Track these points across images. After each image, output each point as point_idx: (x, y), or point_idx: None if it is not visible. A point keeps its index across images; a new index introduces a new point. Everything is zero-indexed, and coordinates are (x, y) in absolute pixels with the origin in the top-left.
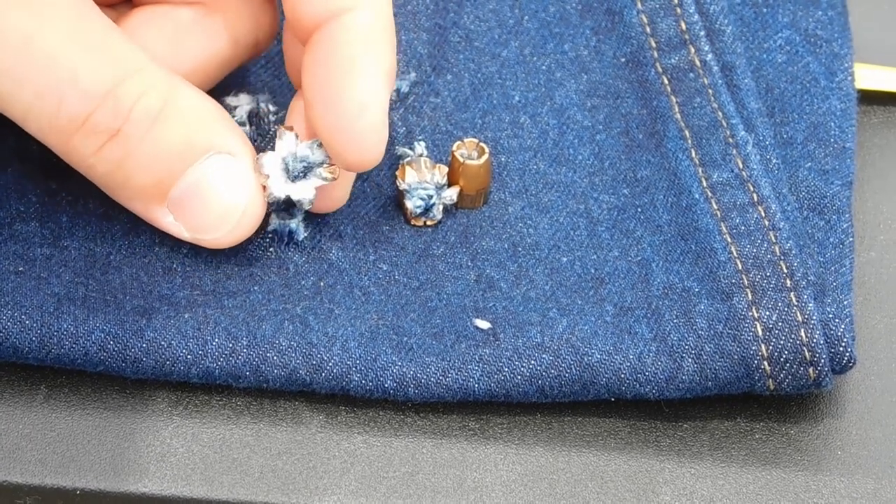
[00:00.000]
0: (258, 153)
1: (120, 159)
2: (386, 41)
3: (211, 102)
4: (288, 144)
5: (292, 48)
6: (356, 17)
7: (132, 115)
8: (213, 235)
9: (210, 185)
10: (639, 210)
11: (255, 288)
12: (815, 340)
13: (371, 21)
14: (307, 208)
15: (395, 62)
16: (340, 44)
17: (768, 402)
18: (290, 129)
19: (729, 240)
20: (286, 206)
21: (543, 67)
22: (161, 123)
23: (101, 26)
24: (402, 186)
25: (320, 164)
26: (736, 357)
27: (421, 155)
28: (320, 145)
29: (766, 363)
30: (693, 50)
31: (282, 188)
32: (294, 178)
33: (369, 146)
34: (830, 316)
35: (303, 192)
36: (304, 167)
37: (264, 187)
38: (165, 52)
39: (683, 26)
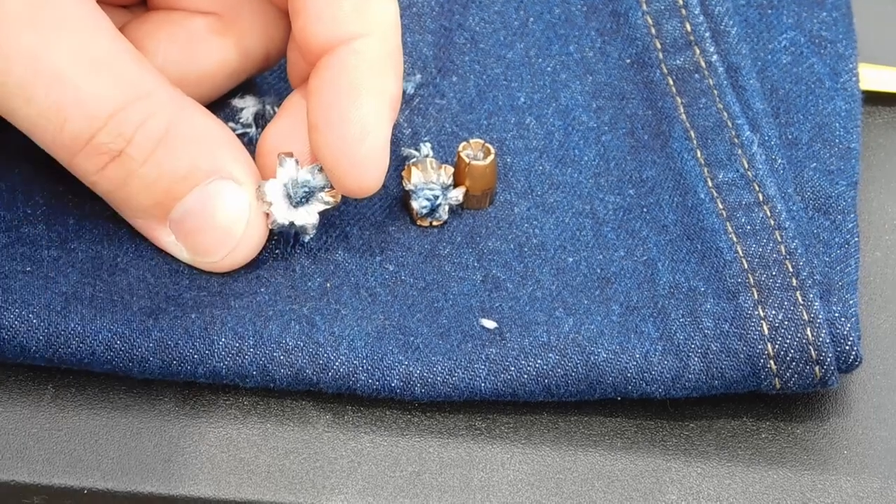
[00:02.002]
0: (261, 180)
1: (122, 179)
2: (392, 69)
3: (218, 126)
4: (289, 170)
5: (296, 53)
6: (365, 44)
7: (135, 139)
8: (211, 259)
9: (210, 208)
10: (644, 210)
11: (262, 289)
12: (821, 339)
13: (379, 48)
14: (311, 234)
15: (401, 90)
16: (348, 69)
17: (774, 401)
18: (290, 154)
19: (735, 239)
20: (291, 232)
21: (549, 69)
22: (164, 147)
23: (111, 47)
24: (408, 187)
25: (322, 189)
26: (742, 356)
27: (427, 156)
28: (321, 170)
29: (772, 362)
30: (698, 51)
31: (285, 214)
32: (296, 204)
33: (368, 172)
34: (836, 315)
35: (306, 217)
36: (306, 192)
37: (268, 214)
38: (176, 58)
39: (689, 27)
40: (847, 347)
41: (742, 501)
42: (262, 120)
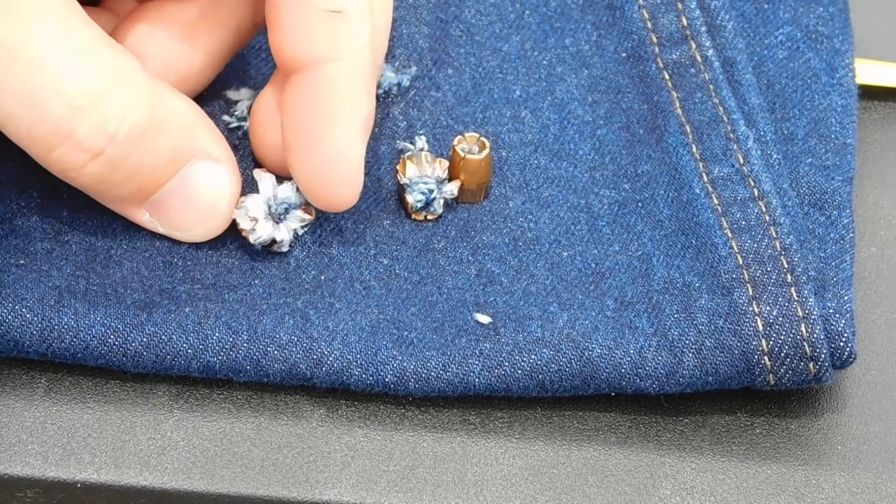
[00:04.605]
0: (242, 196)
1: (104, 174)
2: (364, 89)
3: (192, 106)
4: (269, 187)
5: None
6: (336, 69)
7: (119, 135)
8: (188, 234)
9: (192, 189)
10: (639, 205)
11: (256, 282)
12: (815, 335)
13: (351, 72)
14: (285, 249)
15: (374, 107)
16: (320, 95)
17: (769, 396)
18: (266, 172)
19: (730, 235)
20: (269, 244)
21: (544, 62)
22: (147, 139)
23: (87, 32)
24: (403, 181)
25: (298, 206)
26: (736, 352)
27: (422, 149)
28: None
29: (766, 358)
30: (694, 45)
31: (267, 230)
32: (277, 220)
33: (342, 193)
34: (831, 311)
35: (283, 232)
36: (285, 209)
37: (252, 230)
38: (176, 51)
39: (685, 22)
40: (841, 344)
41: (736, 496)
42: None
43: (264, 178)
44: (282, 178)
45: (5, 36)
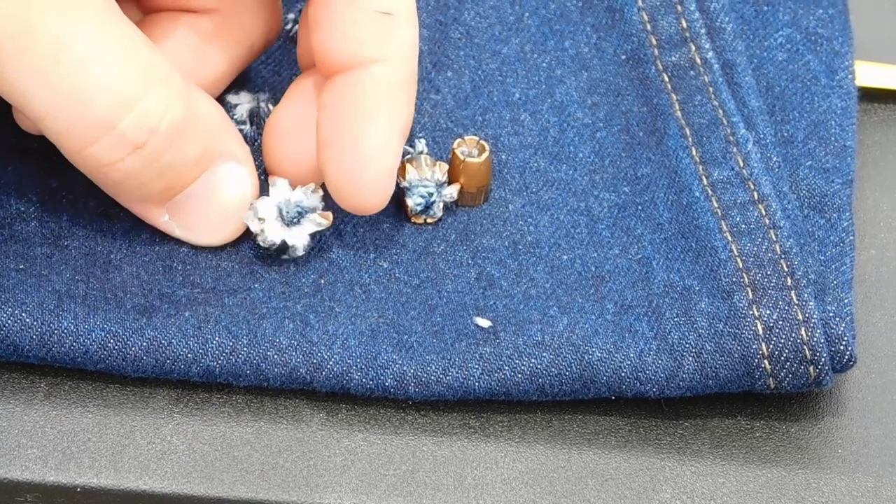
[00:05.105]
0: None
1: (138, 170)
2: (406, 95)
3: (219, 109)
4: (282, 191)
5: (307, 39)
6: (383, 69)
7: (160, 129)
8: (204, 238)
9: (215, 190)
10: (639, 208)
11: (256, 286)
12: (815, 339)
13: (396, 75)
14: (301, 253)
15: (412, 115)
16: (364, 94)
17: (769, 400)
18: (282, 178)
19: (729, 238)
20: (281, 250)
21: (544, 65)
22: (182, 135)
23: (127, 31)
24: (403, 184)
25: (314, 210)
26: (736, 356)
27: (421, 152)
28: (314, 190)
29: (766, 362)
30: (694, 48)
31: (277, 233)
32: (289, 224)
33: (372, 196)
34: (831, 314)
35: (297, 237)
36: (298, 212)
37: (261, 231)
38: (190, 61)
39: (684, 24)
40: (841, 347)
41: (736, 500)
42: (256, 117)
43: (278, 183)
44: (296, 185)
45: (54, 29)
